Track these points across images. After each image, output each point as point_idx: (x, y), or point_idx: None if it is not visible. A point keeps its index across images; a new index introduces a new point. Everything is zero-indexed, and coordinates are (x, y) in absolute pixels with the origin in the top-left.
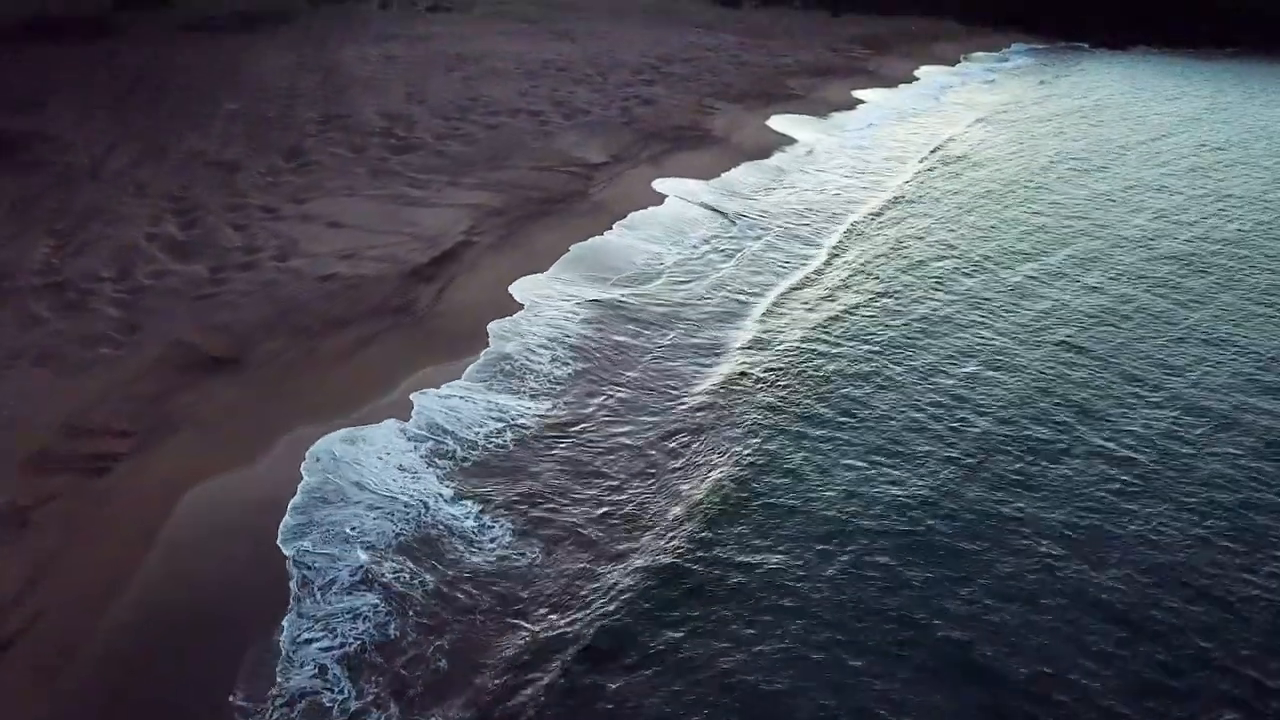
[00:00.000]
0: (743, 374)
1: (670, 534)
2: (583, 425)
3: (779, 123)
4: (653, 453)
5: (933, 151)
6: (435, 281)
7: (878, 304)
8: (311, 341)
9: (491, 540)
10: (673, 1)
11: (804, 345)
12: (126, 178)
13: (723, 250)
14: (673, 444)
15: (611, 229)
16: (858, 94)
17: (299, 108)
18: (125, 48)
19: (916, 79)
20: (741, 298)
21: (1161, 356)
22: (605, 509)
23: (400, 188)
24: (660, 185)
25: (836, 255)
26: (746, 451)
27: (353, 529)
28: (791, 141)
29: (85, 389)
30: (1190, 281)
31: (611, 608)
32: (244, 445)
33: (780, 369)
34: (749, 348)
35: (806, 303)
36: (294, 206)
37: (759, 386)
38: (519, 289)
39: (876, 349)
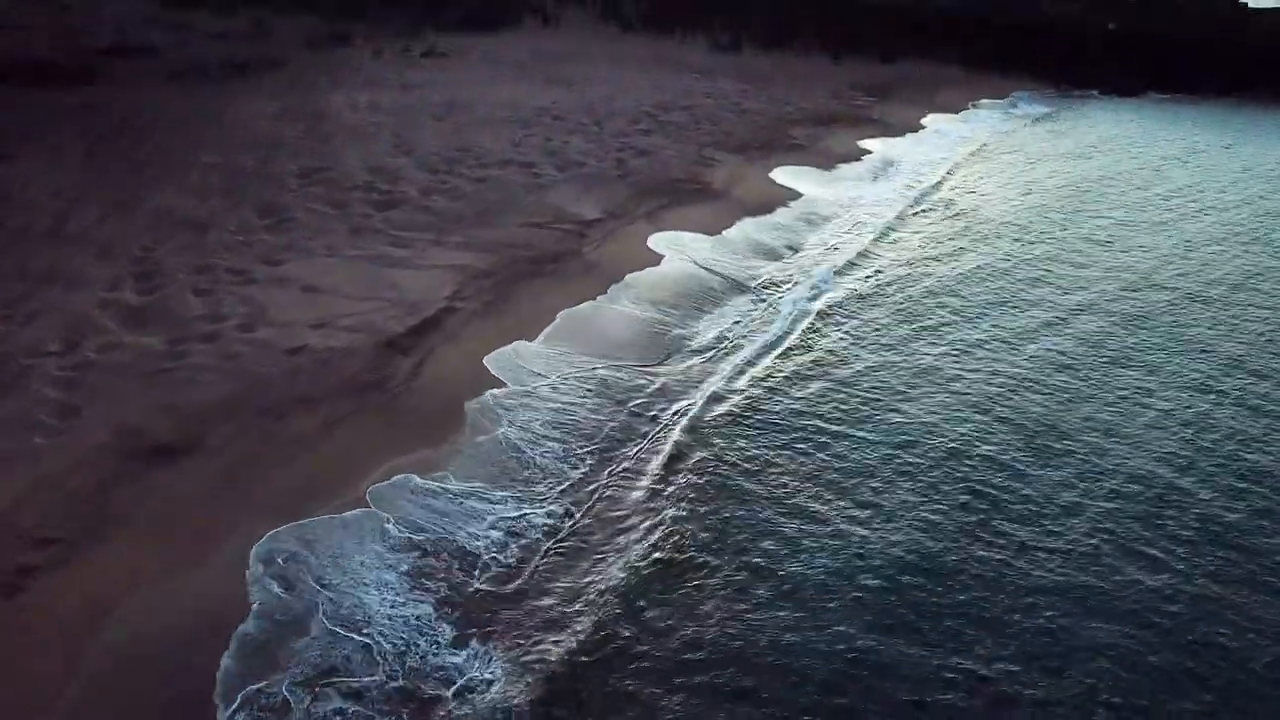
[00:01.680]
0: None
1: None
2: (595, 533)
3: (782, 175)
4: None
5: (946, 209)
6: (413, 353)
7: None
8: (273, 424)
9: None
10: (671, 47)
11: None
12: (89, 237)
13: (719, 317)
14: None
15: (606, 292)
16: (863, 143)
17: (280, 159)
18: (108, 95)
19: (923, 127)
20: (723, 374)
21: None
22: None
23: (382, 247)
24: (657, 243)
25: (841, 324)
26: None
27: (312, 677)
28: (796, 195)
29: (7, 487)
30: None
31: None
32: (188, 552)
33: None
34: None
35: (805, 372)
36: (266, 269)
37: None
38: (503, 362)
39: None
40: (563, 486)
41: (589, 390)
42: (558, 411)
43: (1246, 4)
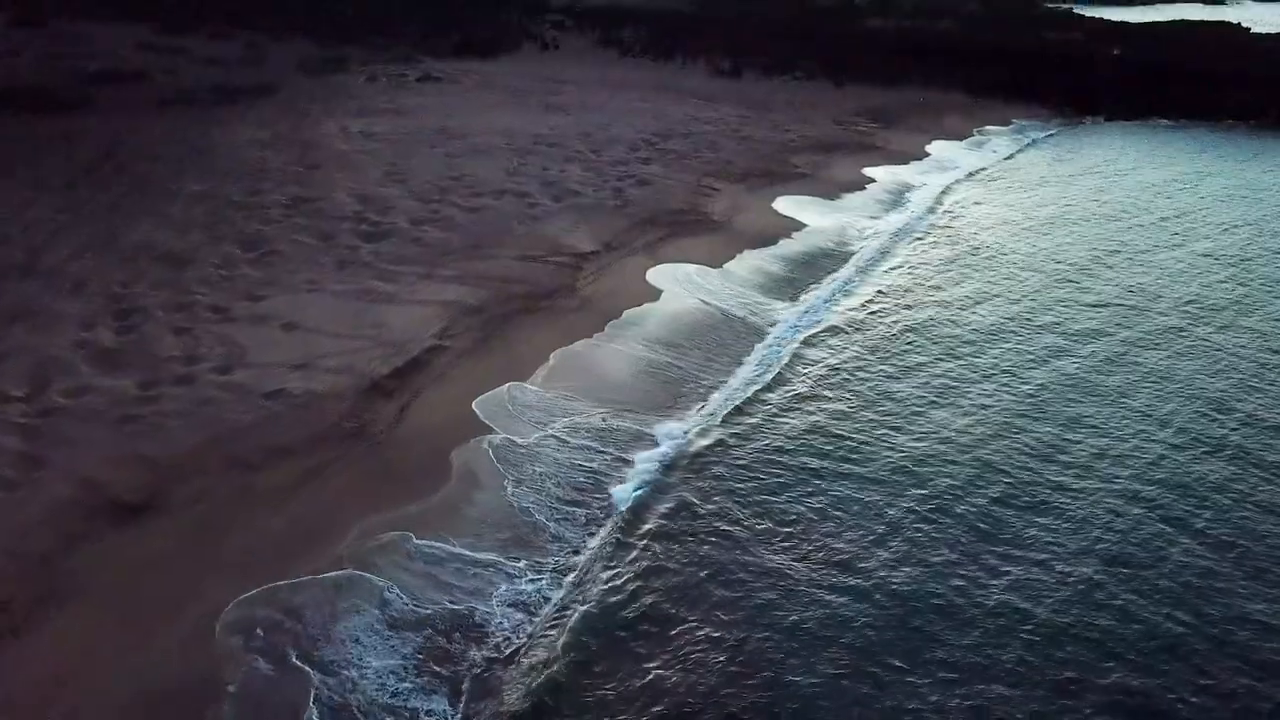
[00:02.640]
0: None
1: None
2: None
3: (785, 204)
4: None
5: (952, 239)
6: (397, 396)
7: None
8: (247, 476)
9: None
10: (671, 72)
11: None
12: (64, 272)
13: (720, 358)
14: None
15: (603, 330)
16: (868, 171)
17: (267, 189)
18: (94, 123)
19: (928, 154)
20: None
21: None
22: None
23: (369, 281)
24: (656, 277)
25: (838, 364)
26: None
27: None
28: (800, 226)
29: None
30: None
31: None
32: (150, 623)
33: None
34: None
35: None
36: (247, 305)
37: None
38: (493, 406)
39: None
40: (565, 551)
41: (584, 442)
42: (552, 464)
43: (1250, 29)
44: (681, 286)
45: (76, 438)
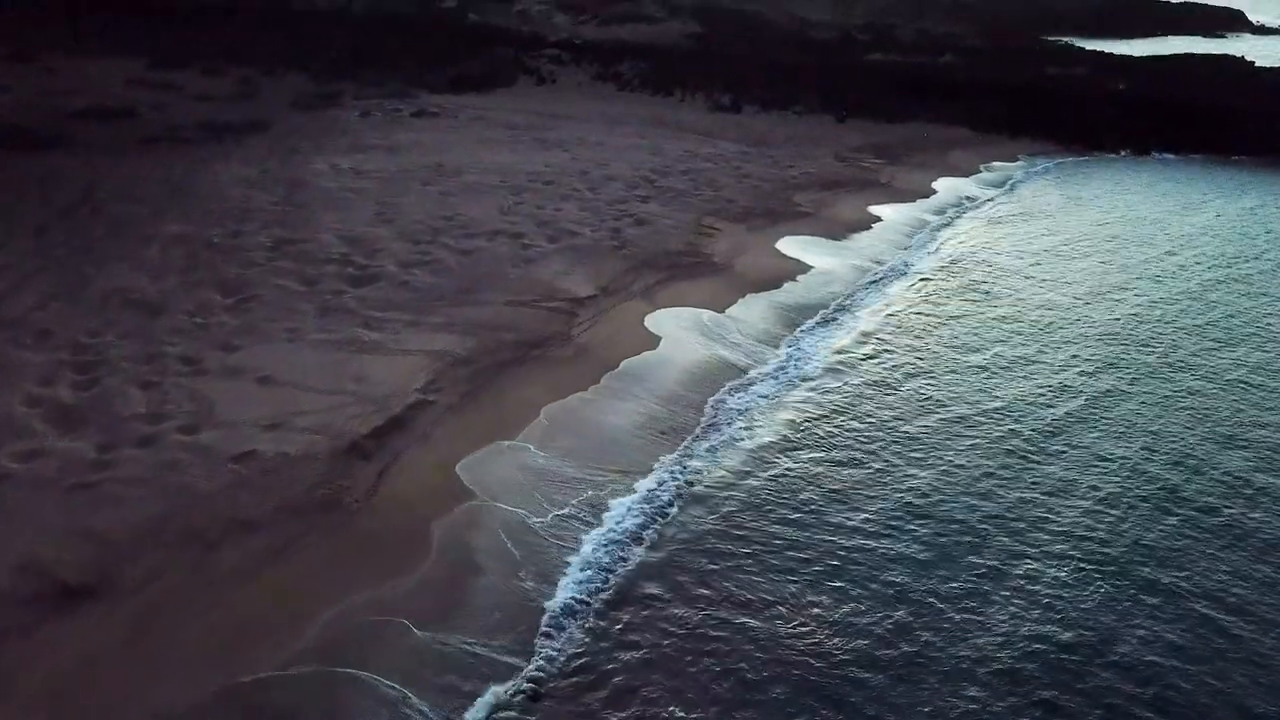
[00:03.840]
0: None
1: None
2: None
3: (789, 245)
4: None
5: (963, 280)
6: (376, 459)
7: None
8: (205, 554)
9: None
10: (670, 107)
11: None
12: (27, 322)
13: (721, 414)
14: None
15: (599, 382)
16: (874, 209)
17: (250, 230)
18: (74, 161)
19: (935, 191)
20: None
21: None
22: None
23: (352, 329)
24: (655, 324)
25: (844, 418)
26: None
27: None
28: (805, 268)
29: None
30: None
31: None
32: None
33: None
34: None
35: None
36: (220, 356)
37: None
38: (478, 470)
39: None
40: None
41: (571, 510)
42: (545, 537)
43: (1254, 62)
44: (682, 333)
45: (24, 509)
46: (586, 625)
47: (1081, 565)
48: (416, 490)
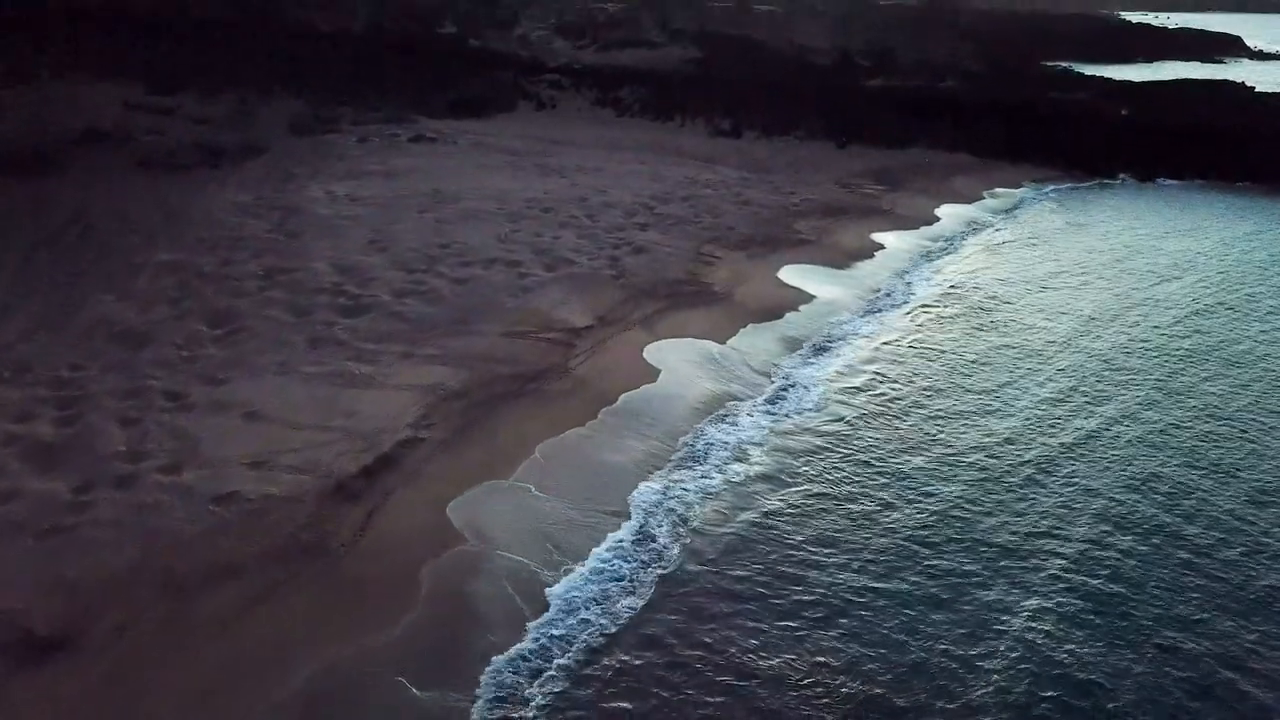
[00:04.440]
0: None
1: None
2: None
3: (790, 274)
4: None
5: (968, 309)
6: (364, 500)
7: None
8: (182, 603)
9: None
10: (670, 133)
11: None
12: (8, 355)
13: (720, 452)
14: None
15: (596, 417)
16: (876, 237)
17: (242, 259)
18: (67, 187)
19: (939, 219)
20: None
21: None
22: None
23: (342, 362)
24: (654, 355)
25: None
26: None
27: None
28: (807, 297)
29: None
30: None
31: None
32: None
33: None
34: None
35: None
36: (207, 390)
37: None
38: (468, 511)
39: None
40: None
41: (566, 555)
42: (537, 585)
43: (1254, 88)
44: (682, 365)
45: None
46: (581, 674)
47: (1078, 606)
48: (406, 533)
